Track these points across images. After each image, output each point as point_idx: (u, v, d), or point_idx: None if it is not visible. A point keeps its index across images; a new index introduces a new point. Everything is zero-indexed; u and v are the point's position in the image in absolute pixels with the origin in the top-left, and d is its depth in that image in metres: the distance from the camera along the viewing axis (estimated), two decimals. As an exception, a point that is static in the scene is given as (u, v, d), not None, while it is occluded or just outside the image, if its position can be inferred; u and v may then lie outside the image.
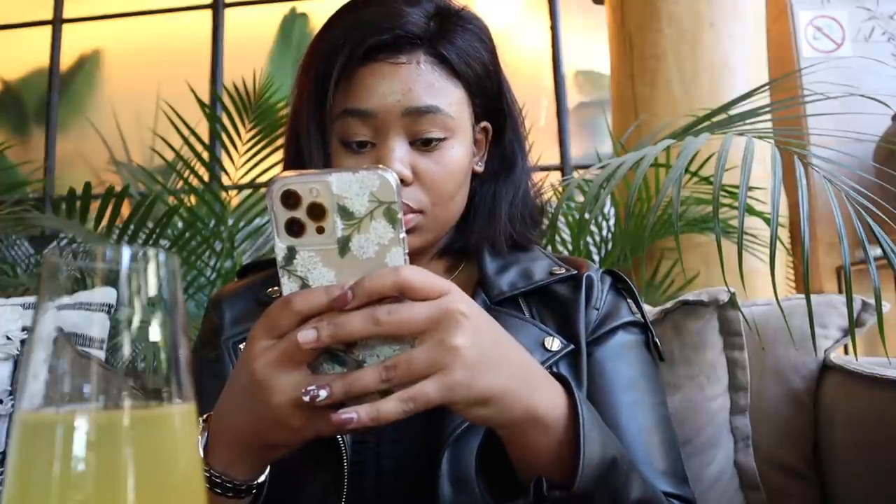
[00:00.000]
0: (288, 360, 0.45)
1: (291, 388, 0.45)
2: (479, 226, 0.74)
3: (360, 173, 0.44)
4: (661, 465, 0.64)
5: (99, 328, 1.15)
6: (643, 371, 0.70)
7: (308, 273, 0.46)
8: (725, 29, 2.17)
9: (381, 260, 0.45)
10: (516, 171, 0.76)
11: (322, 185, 0.44)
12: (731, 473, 0.90)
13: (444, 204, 0.69)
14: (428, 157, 0.67)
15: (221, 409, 0.51)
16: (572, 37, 3.71)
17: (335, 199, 0.45)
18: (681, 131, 1.40)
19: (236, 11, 3.91)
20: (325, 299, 0.44)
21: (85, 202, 1.82)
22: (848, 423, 0.86)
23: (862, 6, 2.87)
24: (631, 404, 0.67)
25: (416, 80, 0.66)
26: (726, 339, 0.92)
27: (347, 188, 0.44)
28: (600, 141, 3.39)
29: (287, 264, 0.46)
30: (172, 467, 0.29)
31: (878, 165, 1.46)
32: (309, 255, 0.46)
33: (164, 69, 3.56)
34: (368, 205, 0.45)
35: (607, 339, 0.70)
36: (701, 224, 1.74)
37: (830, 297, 0.96)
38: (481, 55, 0.71)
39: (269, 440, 0.49)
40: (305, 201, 0.45)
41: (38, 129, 3.93)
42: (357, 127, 0.67)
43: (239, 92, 2.07)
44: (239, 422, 0.49)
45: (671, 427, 0.69)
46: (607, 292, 0.73)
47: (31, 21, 4.00)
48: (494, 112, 0.75)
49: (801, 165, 1.00)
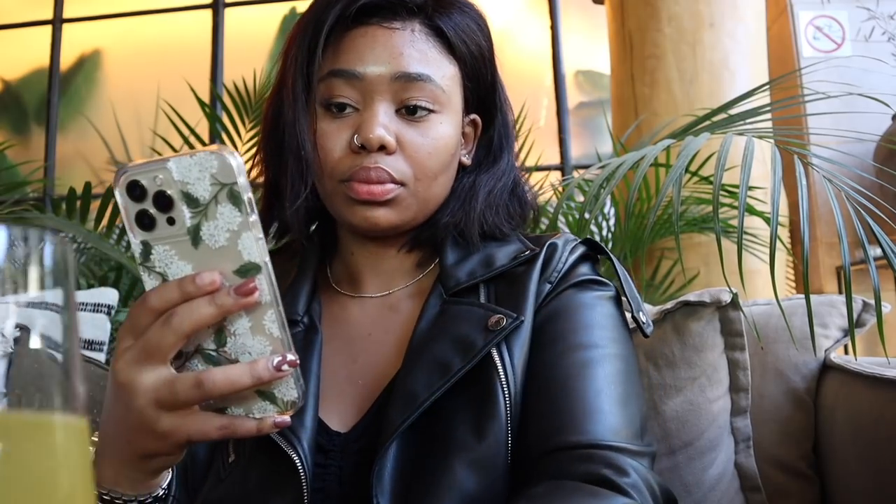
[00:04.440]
0: (147, 359, 0.43)
1: (153, 388, 0.43)
2: (452, 209, 0.70)
3: (198, 155, 0.41)
4: (613, 424, 0.58)
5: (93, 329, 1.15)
6: (597, 324, 0.64)
7: (166, 268, 0.44)
8: (725, 29, 2.17)
9: (233, 248, 0.43)
10: (500, 165, 0.73)
11: (164, 171, 0.42)
12: (732, 475, 0.90)
13: (426, 180, 0.66)
14: (414, 127, 0.65)
15: (102, 419, 0.49)
16: (572, 37, 3.71)
17: (178, 186, 0.42)
18: (681, 131, 1.40)
19: (236, 11, 3.91)
20: (178, 293, 0.43)
21: (85, 202, 1.82)
22: (848, 423, 0.86)
23: (862, 6, 2.87)
24: (578, 365, 0.61)
25: (410, 47, 0.64)
26: (727, 339, 0.91)
27: (188, 173, 0.41)
28: (600, 141, 3.39)
29: (145, 261, 0.44)
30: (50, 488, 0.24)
31: (878, 165, 1.46)
32: (164, 250, 0.43)
33: (164, 69, 3.56)
34: (211, 189, 0.41)
35: (554, 299, 0.66)
36: (701, 224, 1.74)
37: (831, 297, 0.96)
38: (478, 38, 0.69)
39: (141, 448, 0.46)
40: (150, 191, 0.42)
41: (38, 129, 3.93)
42: (342, 88, 0.64)
43: (239, 92, 2.07)
44: (113, 432, 0.47)
45: (630, 383, 0.63)
46: (571, 262, 0.69)
47: (31, 21, 4.00)
48: (486, 105, 0.72)
49: (801, 165, 1.00)
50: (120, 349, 0.45)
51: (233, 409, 0.46)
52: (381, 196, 0.64)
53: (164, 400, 0.43)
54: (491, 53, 0.71)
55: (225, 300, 0.42)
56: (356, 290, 0.73)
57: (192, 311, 0.42)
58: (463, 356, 0.60)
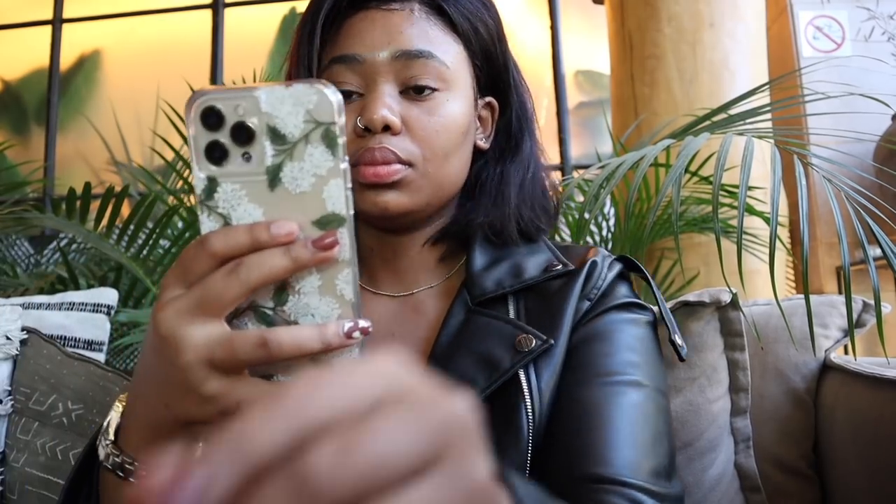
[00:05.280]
0: (202, 311, 0.37)
1: (204, 344, 0.37)
2: (485, 206, 0.68)
3: (295, 87, 0.36)
4: (639, 461, 0.56)
5: (93, 329, 1.14)
6: (634, 351, 0.62)
7: (231, 210, 0.38)
8: (725, 28, 2.18)
9: (317, 195, 0.37)
10: (524, 150, 0.71)
11: (249, 100, 0.37)
12: (732, 475, 0.90)
13: (436, 160, 0.63)
14: (419, 106, 0.62)
15: (134, 379, 0.43)
16: (572, 37, 3.71)
17: (264, 119, 0.37)
18: (681, 131, 1.40)
19: (236, 11, 3.91)
20: (248, 239, 0.37)
21: (85, 202, 1.82)
22: (848, 423, 0.86)
23: (862, 6, 2.87)
24: (611, 393, 0.58)
25: (410, 26, 0.62)
26: (727, 339, 0.91)
27: (279, 106, 0.37)
28: (600, 141, 3.39)
29: (207, 199, 0.38)
30: None
31: (878, 165, 1.46)
32: (233, 189, 0.38)
33: (164, 69, 3.56)
34: (304, 126, 0.37)
35: (593, 321, 0.63)
36: (701, 224, 1.74)
37: (831, 297, 0.96)
38: (483, 16, 0.67)
39: (180, 413, 0.40)
40: (229, 120, 0.37)
41: (38, 129, 3.93)
42: (345, 75, 0.63)
43: (239, 92, 2.07)
44: (147, 392, 0.41)
45: (662, 421, 0.60)
46: (610, 279, 0.67)
47: (31, 21, 4.00)
48: (500, 87, 0.70)
49: (801, 165, 1.00)
50: (164, 297, 0.38)
51: (279, 377, 0.40)
52: (387, 177, 0.61)
53: (219, 359, 0.37)
54: (500, 33, 0.69)
55: (301, 253, 0.37)
56: (377, 286, 0.71)
57: (262, 262, 0.37)
58: (488, 375, 0.58)
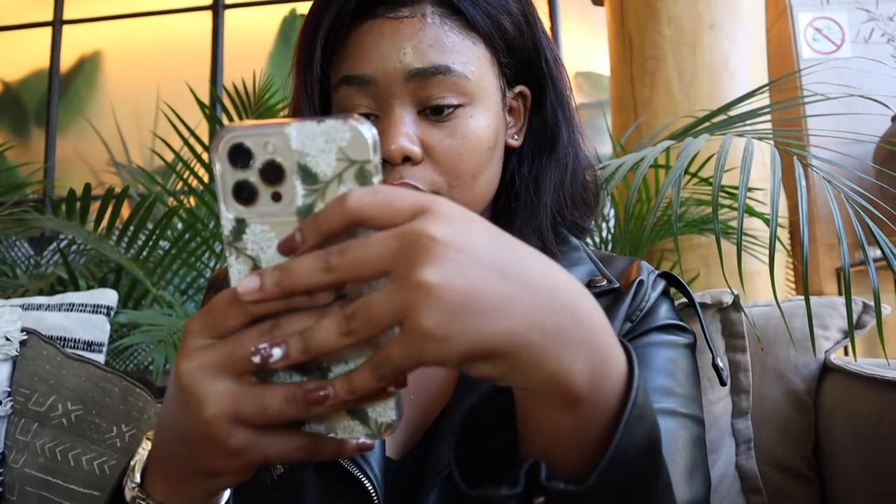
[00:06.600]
0: (228, 367, 0.35)
1: (229, 398, 0.34)
2: (521, 216, 0.63)
3: (327, 123, 0.34)
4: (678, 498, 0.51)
5: (93, 330, 1.14)
6: (674, 377, 0.58)
7: (261, 252, 0.35)
8: (725, 30, 2.18)
9: (351, 237, 0.35)
10: (560, 144, 0.64)
11: (279, 137, 0.34)
12: (733, 477, 0.90)
13: (464, 185, 0.58)
14: (440, 128, 0.57)
15: (158, 425, 0.41)
16: (572, 38, 3.71)
17: (295, 157, 0.34)
18: (680, 132, 1.40)
19: (236, 12, 3.92)
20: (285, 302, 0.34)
21: (85, 203, 1.82)
22: (848, 424, 0.86)
23: (862, 8, 2.87)
24: None
25: (421, 37, 0.56)
26: (728, 341, 0.91)
27: (310, 142, 0.34)
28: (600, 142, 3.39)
29: (235, 240, 0.36)
30: None
31: (877, 167, 1.46)
32: (262, 230, 0.35)
33: (164, 70, 3.57)
34: (336, 164, 0.34)
35: (634, 340, 0.60)
36: (700, 225, 1.74)
37: (831, 298, 0.97)
38: (508, 5, 0.60)
39: (205, 465, 0.37)
40: (259, 158, 0.35)
41: (38, 131, 3.94)
42: (356, 97, 0.57)
43: (239, 93, 2.07)
44: (172, 441, 0.39)
45: (699, 451, 0.57)
46: (654, 298, 0.63)
47: (32, 22, 4.01)
48: (532, 74, 0.63)
49: (801, 166, 1.00)
50: (189, 346, 0.35)
51: (312, 426, 0.37)
52: None
53: (246, 414, 0.35)
54: (528, 16, 0.62)
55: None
56: None
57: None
58: None
